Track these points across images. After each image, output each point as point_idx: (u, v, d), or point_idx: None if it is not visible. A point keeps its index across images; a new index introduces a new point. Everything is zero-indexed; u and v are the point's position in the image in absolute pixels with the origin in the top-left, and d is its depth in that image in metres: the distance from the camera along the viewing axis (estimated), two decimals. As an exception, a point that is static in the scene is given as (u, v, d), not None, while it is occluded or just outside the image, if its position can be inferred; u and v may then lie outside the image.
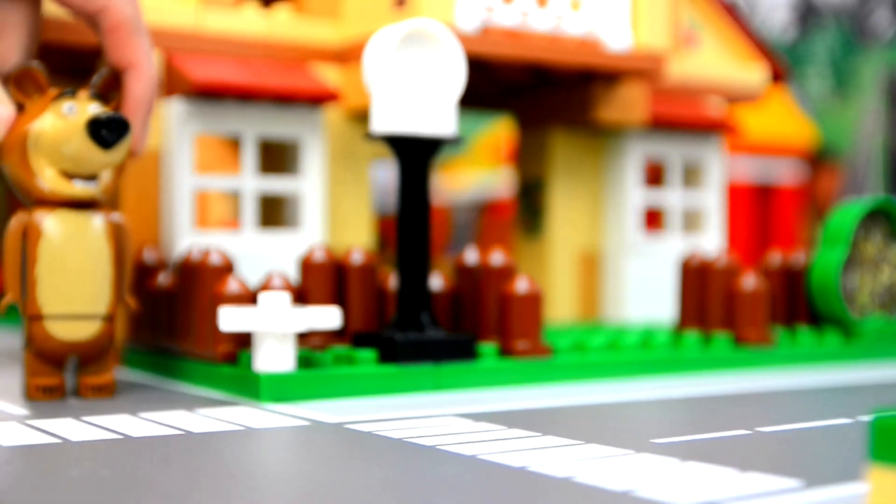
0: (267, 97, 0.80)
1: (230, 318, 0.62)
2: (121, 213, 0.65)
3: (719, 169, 1.08)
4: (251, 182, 0.81)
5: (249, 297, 0.66)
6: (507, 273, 0.73)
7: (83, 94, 0.62)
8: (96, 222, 0.63)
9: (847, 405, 0.63)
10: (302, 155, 0.84)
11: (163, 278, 0.74)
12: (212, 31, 0.81)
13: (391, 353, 0.66)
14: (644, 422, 0.58)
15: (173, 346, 0.71)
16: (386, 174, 1.41)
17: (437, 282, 0.73)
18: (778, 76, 1.14)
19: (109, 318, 0.63)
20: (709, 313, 0.82)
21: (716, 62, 1.08)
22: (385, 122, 0.65)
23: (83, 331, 0.62)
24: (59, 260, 0.61)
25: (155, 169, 0.79)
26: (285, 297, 0.62)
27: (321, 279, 0.71)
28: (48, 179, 0.61)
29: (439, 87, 0.67)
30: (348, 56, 0.85)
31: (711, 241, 1.06)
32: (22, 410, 0.58)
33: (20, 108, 0.62)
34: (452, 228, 2.03)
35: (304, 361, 0.64)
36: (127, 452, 0.47)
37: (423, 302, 0.67)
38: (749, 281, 0.81)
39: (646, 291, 1.02)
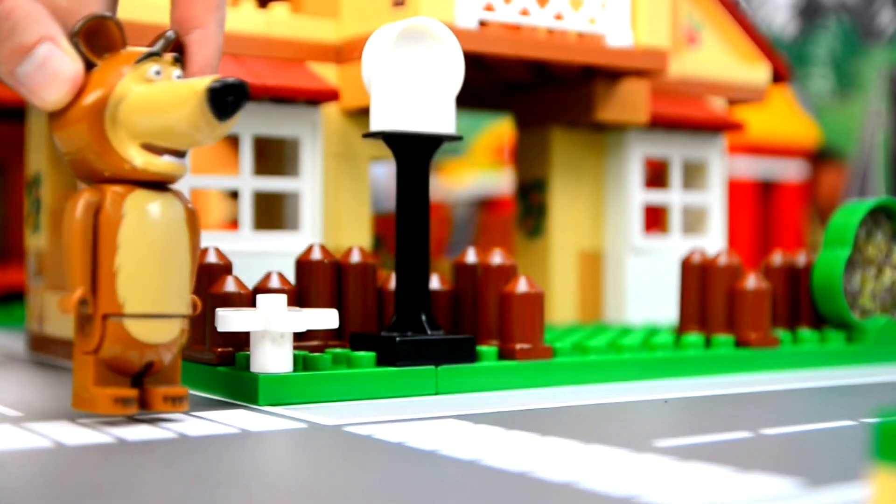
0: (264, 96, 0.80)
1: (227, 319, 0.62)
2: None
3: (721, 168, 1.07)
4: (249, 182, 0.81)
5: (247, 298, 0.66)
6: (507, 273, 0.72)
7: (165, 56, 0.54)
8: (177, 206, 0.54)
9: (850, 406, 0.63)
10: (300, 154, 0.83)
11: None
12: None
13: (390, 354, 0.66)
14: (646, 423, 0.58)
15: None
16: (382, 172, 1.41)
17: (436, 282, 0.73)
18: (780, 75, 1.14)
19: (187, 318, 0.55)
20: (710, 314, 0.81)
21: (717, 61, 1.08)
22: (384, 120, 0.65)
23: (166, 333, 0.53)
24: (144, 248, 0.52)
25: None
26: (282, 298, 0.62)
27: (319, 279, 0.70)
28: (135, 153, 0.52)
29: (438, 84, 0.66)
30: (347, 55, 0.85)
31: (713, 242, 1.06)
32: (15, 412, 0.58)
33: (89, 67, 0.52)
34: (452, 228, 2.03)
35: (302, 363, 0.64)
36: (122, 456, 0.46)
37: (423, 303, 0.67)
38: (751, 281, 0.80)
39: (647, 292, 1.02)
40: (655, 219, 1.12)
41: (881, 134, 2.49)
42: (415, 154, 0.67)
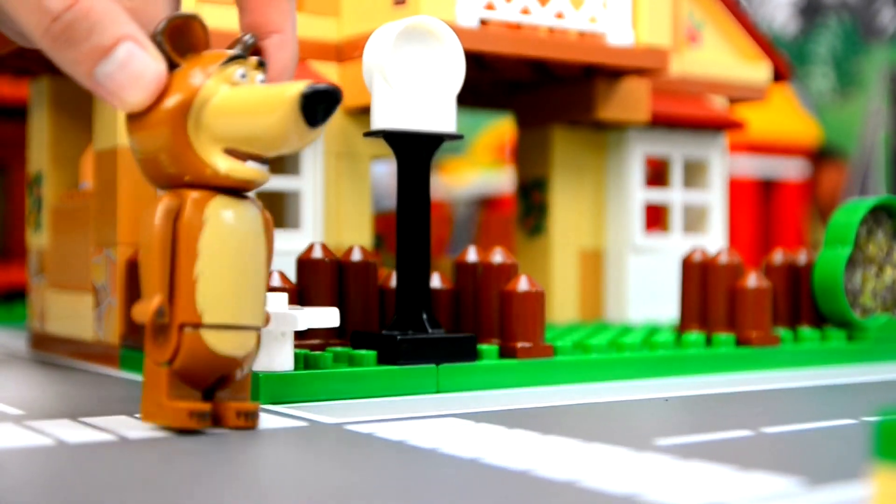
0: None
1: (228, 318, 0.62)
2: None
3: (722, 167, 1.07)
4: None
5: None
6: (508, 272, 0.72)
7: (251, 60, 0.52)
8: (255, 213, 0.52)
9: (851, 405, 0.63)
10: (302, 154, 0.83)
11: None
12: (209, 29, 0.80)
13: (391, 353, 0.66)
14: (647, 422, 0.58)
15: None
16: (383, 171, 1.41)
17: (437, 281, 0.73)
18: (781, 74, 1.14)
19: (258, 332, 0.52)
20: (711, 312, 0.81)
21: (718, 60, 1.08)
22: (385, 118, 0.65)
23: (242, 345, 0.51)
24: (224, 257, 0.50)
25: (153, 168, 0.79)
26: (284, 296, 0.62)
27: (320, 278, 0.70)
28: (219, 158, 0.50)
29: (439, 83, 0.66)
30: (347, 53, 0.85)
31: (714, 240, 1.06)
32: (17, 411, 0.58)
33: (171, 67, 0.50)
34: (453, 227, 2.03)
35: (303, 361, 0.64)
36: (124, 454, 0.46)
37: (424, 301, 0.67)
38: (752, 280, 0.80)
39: (648, 291, 1.02)
40: (656, 217, 1.12)
41: (882, 132, 2.49)
42: (416, 153, 0.67)
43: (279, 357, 0.62)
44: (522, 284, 0.71)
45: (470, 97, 0.98)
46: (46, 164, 0.90)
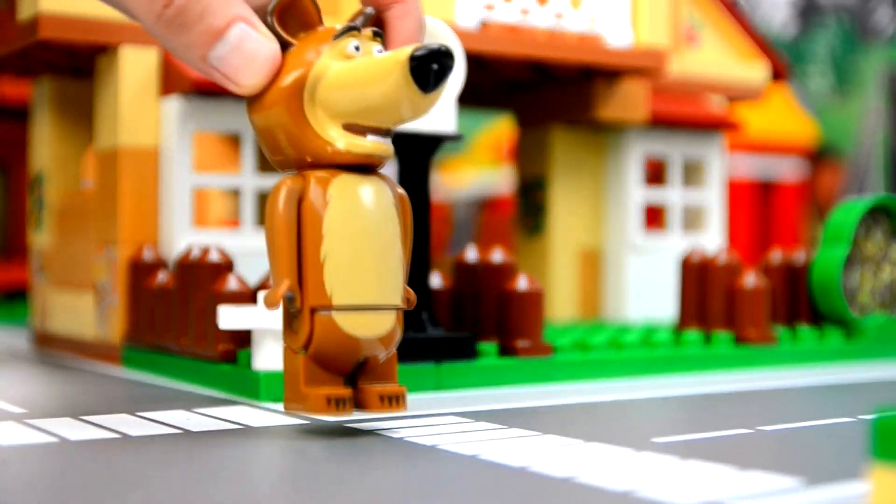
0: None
1: (229, 317, 0.62)
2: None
3: (720, 167, 1.08)
4: (251, 180, 0.81)
5: (248, 296, 0.66)
6: (507, 271, 0.72)
7: (365, 32, 0.50)
8: (385, 190, 0.50)
9: (848, 404, 0.63)
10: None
11: (161, 277, 0.74)
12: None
13: (391, 351, 0.66)
14: (645, 420, 0.58)
15: (172, 345, 0.71)
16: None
17: (436, 280, 0.73)
18: (779, 74, 1.14)
19: (401, 311, 0.51)
20: (709, 311, 0.82)
21: (717, 60, 1.08)
22: (385, 119, 0.65)
23: (379, 327, 0.49)
24: (352, 236, 0.48)
25: (153, 167, 0.79)
26: (285, 295, 0.62)
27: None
28: (337, 134, 0.48)
29: (439, 84, 0.66)
30: (348, 54, 0.85)
31: (712, 240, 1.06)
32: (20, 410, 0.58)
33: (284, 47, 0.49)
34: (452, 227, 2.03)
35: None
36: (126, 451, 0.47)
37: (423, 300, 0.67)
38: (750, 279, 0.81)
39: (647, 290, 1.02)
40: (655, 217, 1.12)
41: (880, 132, 2.49)
42: (416, 153, 0.67)
43: (280, 356, 0.62)
44: (522, 284, 0.71)
45: (470, 97, 0.98)
46: (48, 164, 0.91)
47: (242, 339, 0.66)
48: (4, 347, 0.94)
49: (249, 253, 0.80)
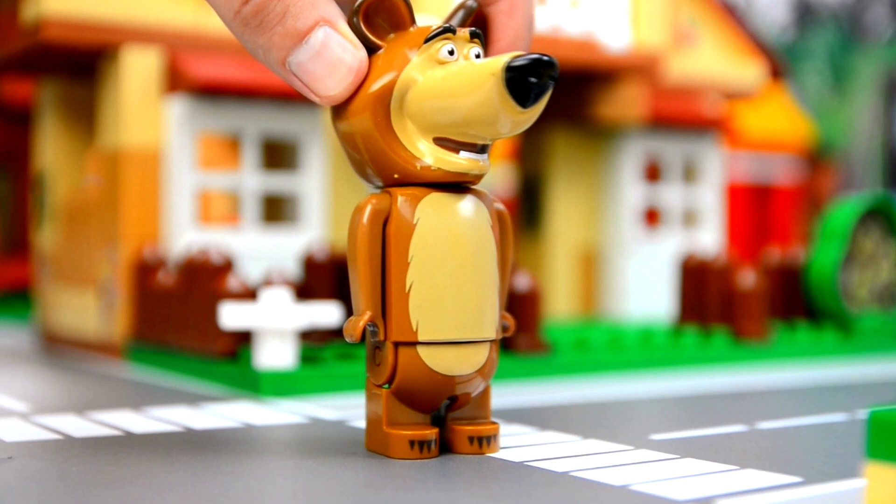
0: (268, 95, 0.81)
1: (231, 315, 0.63)
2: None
3: (717, 166, 1.08)
4: (252, 180, 0.82)
5: (250, 295, 0.66)
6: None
7: (460, 32, 0.44)
8: (482, 210, 0.45)
9: (844, 401, 0.63)
10: (303, 152, 0.84)
11: (164, 275, 0.74)
12: (213, 30, 0.81)
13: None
14: (643, 418, 0.58)
15: (175, 343, 0.72)
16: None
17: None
18: (776, 74, 1.15)
19: (495, 343, 0.45)
20: (707, 310, 0.82)
21: (713, 60, 1.09)
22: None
23: (470, 363, 0.44)
24: (441, 262, 0.43)
25: (156, 166, 0.80)
26: (286, 293, 0.63)
27: (322, 276, 0.71)
28: (427, 149, 0.43)
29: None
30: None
31: (709, 239, 1.07)
32: (24, 407, 0.58)
33: (371, 50, 0.44)
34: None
35: (305, 358, 0.65)
36: (129, 449, 0.47)
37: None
38: (747, 278, 0.81)
39: (644, 288, 1.03)
40: (653, 215, 1.12)
41: (876, 132, 2.49)
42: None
43: (281, 354, 0.63)
44: (521, 281, 0.71)
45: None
46: (51, 163, 0.91)
47: (245, 336, 0.66)
48: (8, 345, 0.94)
49: (251, 252, 0.81)
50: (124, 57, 0.79)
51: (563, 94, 1.00)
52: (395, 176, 0.44)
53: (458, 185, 0.44)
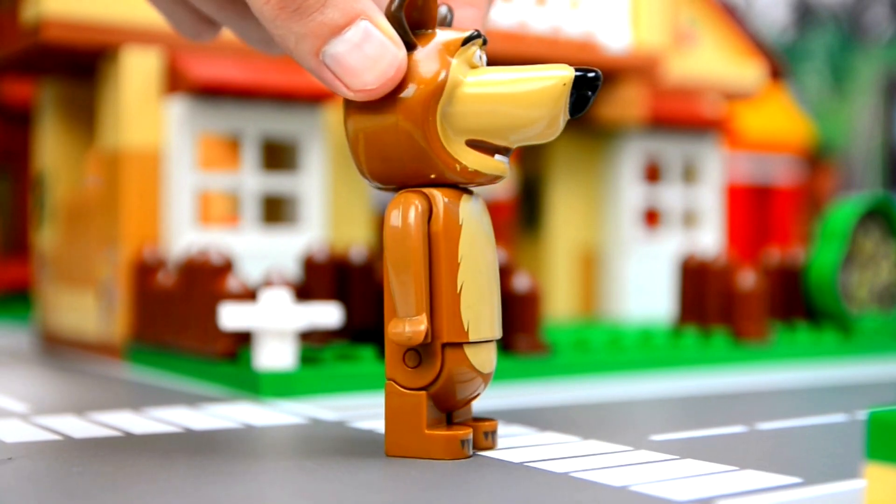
0: (268, 96, 0.81)
1: (231, 316, 0.63)
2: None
3: (717, 167, 1.08)
4: (252, 180, 0.82)
5: (250, 295, 0.66)
6: (506, 270, 0.73)
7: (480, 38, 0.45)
8: (487, 213, 0.46)
9: (844, 402, 0.63)
10: (303, 153, 0.84)
11: (164, 276, 0.74)
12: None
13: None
14: (642, 418, 0.58)
15: (175, 344, 0.72)
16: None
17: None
18: (775, 74, 1.15)
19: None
20: (707, 311, 0.82)
21: (713, 60, 1.09)
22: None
23: (495, 360, 0.46)
24: (481, 263, 0.44)
25: (156, 167, 0.80)
26: (286, 294, 0.63)
27: (322, 276, 0.71)
28: (464, 151, 0.43)
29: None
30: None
31: (709, 239, 1.07)
32: (24, 407, 0.58)
33: (409, 48, 0.44)
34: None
35: (305, 358, 0.65)
36: (129, 449, 0.47)
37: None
38: (747, 278, 0.81)
39: (644, 289, 1.03)
40: (653, 216, 1.12)
41: (876, 132, 2.49)
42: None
43: (281, 354, 0.63)
44: (521, 282, 0.71)
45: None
46: (51, 163, 0.91)
47: (245, 336, 0.66)
48: (8, 345, 0.94)
49: (251, 252, 0.81)
50: (124, 57, 0.79)
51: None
52: (432, 176, 0.44)
53: (467, 189, 0.45)
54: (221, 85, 0.79)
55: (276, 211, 0.87)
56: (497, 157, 0.44)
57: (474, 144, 0.44)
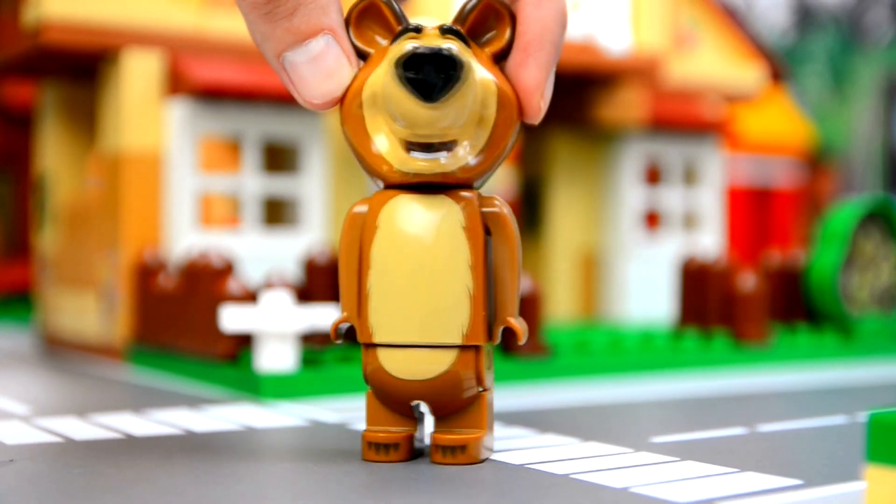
0: (268, 98, 0.81)
1: (232, 318, 0.63)
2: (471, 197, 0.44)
3: (717, 169, 1.08)
4: (253, 182, 0.82)
5: (251, 297, 0.66)
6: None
7: (432, 30, 0.44)
8: (452, 213, 0.44)
9: (845, 404, 0.63)
10: (303, 155, 0.84)
11: (164, 278, 0.74)
12: (215, 32, 0.81)
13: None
14: (643, 420, 0.58)
15: (176, 346, 0.72)
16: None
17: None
18: (776, 77, 1.15)
19: (469, 350, 0.44)
20: (707, 313, 0.82)
21: (713, 62, 1.09)
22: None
23: (428, 368, 0.43)
24: (396, 267, 0.43)
25: (157, 169, 0.80)
26: (286, 296, 0.63)
27: (323, 278, 0.71)
28: (385, 151, 0.43)
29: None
30: (349, 56, 0.85)
31: (710, 241, 1.07)
32: (25, 409, 0.58)
33: (363, 56, 0.44)
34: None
35: (306, 360, 0.65)
36: (130, 451, 0.47)
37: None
38: (747, 280, 0.81)
39: (644, 291, 1.03)
40: (653, 218, 1.12)
41: (876, 135, 2.49)
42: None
43: (282, 356, 0.63)
44: (521, 284, 0.71)
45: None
46: (52, 166, 0.91)
47: (245, 339, 0.66)
48: (9, 347, 0.94)
49: (252, 255, 0.81)
50: (125, 60, 0.79)
51: (564, 97, 1.00)
52: (375, 178, 0.45)
53: (435, 187, 0.44)
54: (222, 87, 0.79)
55: (276, 213, 0.87)
56: (413, 153, 0.43)
57: (405, 143, 0.43)
